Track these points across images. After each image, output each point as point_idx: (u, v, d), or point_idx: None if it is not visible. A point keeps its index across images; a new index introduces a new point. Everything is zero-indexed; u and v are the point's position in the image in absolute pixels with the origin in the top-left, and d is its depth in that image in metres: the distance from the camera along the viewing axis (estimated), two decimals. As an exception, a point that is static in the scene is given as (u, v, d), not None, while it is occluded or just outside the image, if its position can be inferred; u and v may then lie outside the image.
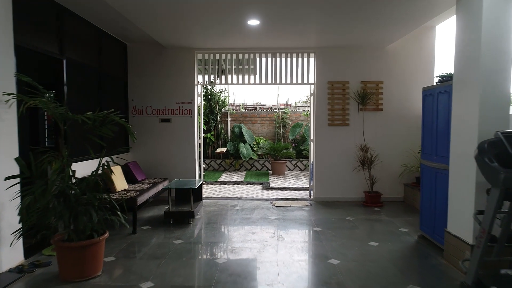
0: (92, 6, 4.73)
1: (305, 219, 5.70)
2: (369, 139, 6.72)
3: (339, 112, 6.79)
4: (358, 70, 6.75)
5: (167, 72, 6.83)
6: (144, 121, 6.88)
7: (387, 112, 6.76)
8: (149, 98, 6.87)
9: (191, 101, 6.87)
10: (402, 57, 6.72)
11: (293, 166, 11.01)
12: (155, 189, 5.80)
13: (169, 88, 6.85)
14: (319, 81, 6.80)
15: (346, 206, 6.45)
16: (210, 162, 11.04)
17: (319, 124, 6.83)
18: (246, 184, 8.81)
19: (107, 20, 5.44)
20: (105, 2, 4.37)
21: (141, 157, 6.88)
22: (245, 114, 11.90)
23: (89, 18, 5.30)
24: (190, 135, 6.90)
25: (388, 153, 6.76)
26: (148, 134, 6.88)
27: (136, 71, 6.85)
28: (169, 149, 6.89)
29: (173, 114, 6.88)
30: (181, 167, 6.90)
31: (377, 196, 6.51)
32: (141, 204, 5.11)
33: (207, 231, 5.08)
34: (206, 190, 8.10)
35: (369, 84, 6.74)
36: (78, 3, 4.65)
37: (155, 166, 6.89)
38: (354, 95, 6.72)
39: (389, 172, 6.78)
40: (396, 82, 6.74)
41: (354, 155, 6.77)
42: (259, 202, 6.82)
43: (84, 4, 4.67)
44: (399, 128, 6.78)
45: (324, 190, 6.87)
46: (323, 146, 6.84)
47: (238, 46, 6.70)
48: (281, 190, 8.09)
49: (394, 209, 6.29)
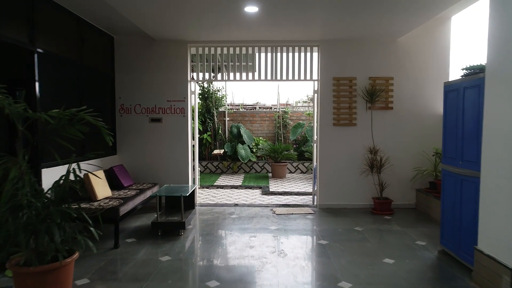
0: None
1: (309, 229, 5.13)
2: (378, 141, 6.15)
3: (346, 111, 6.22)
4: (366, 65, 6.18)
5: (158, 68, 6.26)
6: (132, 120, 6.31)
7: (397, 110, 6.19)
8: (138, 96, 6.30)
9: (184, 99, 6.29)
10: (414, 50, 6.15)
11: (294, 168, 10.44)
12: (143, 196, 5.23)
13: (160, 85, 6.28)
14: (324, 77, 6.23)
15: (354, 214, 5.88)
16: (206, 164, 10.47)
17: (323, 124, 6.26)
18: (244, 188, 8.24)
19: (89, 10, 4.87)
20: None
21: (129, 160, 6.31)
22: (244, 114, 11.32)
23: (67, 6, 4.72)
24: (183, 136, 6.33)
25: (399, 155, 6.19)
26: (136, 135, 6.31)
27: (124, 66, 6.27)
28: (160, 152, 6.32)
29: (164, 113, 6.30)
30: (173, 171, 6.33)
31: (387, 203, 5.94)
32: (125, 214, 4.54)
33: (199, 244, 4.51)
34: (201, 195, 7.53)
35: (378, 80, 6.17)
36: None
37: (144, 170, 6.32)
38: (362, 92, 6.15)
39: (400, 176, 6.21)
40: (407, 78, 6.17)
41: (361, 158, 6.20)
42: (258, 209, 6.25)
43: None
44: (410, 128, 6.21)
45: (329, 196, 6.30)
46: (328, 148, 6.27)
47: (235, 38, 6.12)
48: (281, 195, 7.52)
49: (407, 217, 5.72)
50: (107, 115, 6.11)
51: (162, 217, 5.07)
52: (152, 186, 5.78)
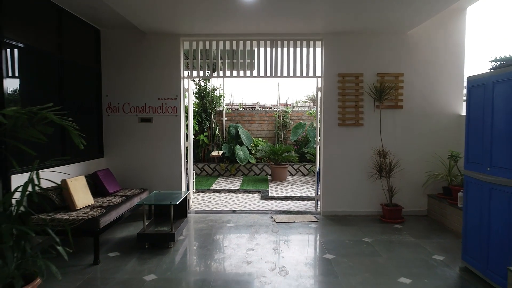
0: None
1: (313, 241, 4.64)
2: (388, 142, 5.67)
3: (352, 110, 5.73)
4: (374, 60, 5.70)
5: (148, 63, 5.77)
6: (120, 120, 5.82)
7: (408, 109, 5.71)
8: (126, 94, 5.81)
9: (176, 97, 5.80)
10: (426, 44, 5.67)
11: (295, 170, 9.95)
12: (129, 204, 4.74)
13: (151, 81, 5.79)
14: (328, 73, 5.74)
15: (361, 222, 5.39)
16: (203, 167, 9.98)
17: (327, 125, 5.78)
18: (242, 193, 7.75)
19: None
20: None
21: (117, 163, 5.82)
22: (242, 113, 10.83)
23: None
24: (176, 137, 5.84)
25: (409, 158, 5.71)
26: (125, 136, 5.82)
27: (111, 61, 5.78)
28: (150, 154, 5.83)
29: (155, 112, 5.81)
30: (164, 176, 5.84)
31: (398, 211, 5.45)
32: (108, 225, 4.05)
33: (190, 260, 4.02)
34: (196, 200, 7.04)
35: (387, 77, 5.68)
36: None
37: (133, 175, 5.83)
38: (370, 90, 5.66)
39: (410, 180, 5.73)
40: (419, 74, 5.69)
41: (369, 161, 5.71)
42: (257, 216, 5.76)
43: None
44: (422, 129, 5.72)
45: (333, 202, 5.81)
46: (332, 150, 5.78)
47: (232, 31, 5.64)
48: (282, 200, 7.03)
49: (419, 226, 5.23)
50: (93, 115, 5.62)
51: (150, 227, 4.59)
52: (141, 192, 5.29)
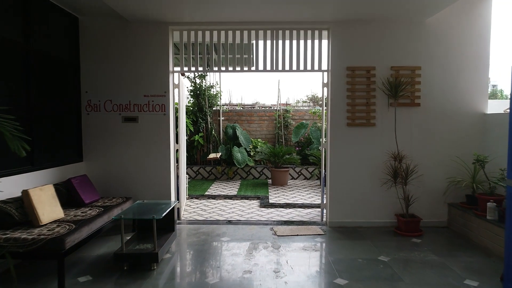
0: None
1: (321, 259, 3.99)
2: (403, 144, 5.02)
3: (362, 108, 5.08)
4: (388, 52, 5.05)
5: (133, 56, 5.12)
6: (102, 120, 5.17)
7: (426, 107, 5.06)
8: (108, 90, 5.15)
9: (164, 94, 5.15)
10: (447, 34, 5.02)
11: (297, 174, 9.29)
12: (107, 216, 4.09)
13: (136, 76, 5.14)
14: (336, 66, 5.09)
15: (373, 235, 4.75)
16: (198, 170, 9.32)
17: (334, 125, 5.13)
18: (239, 199, 7.10)
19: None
20: None
21: (97, 168, 5.17)
22: (240, 113, 10.17)
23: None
24: (164, 139, 5.19)
25: (427, 162, 5.06)
26: (107, 138, 5.17)
27: (91, 53, 5.13)
28: (135, 158, 5.18)
29: (141, 111, 5.16)
30: (151, 182, 5.19)
31: (415, 222, 4.80)
32: (77, 244, 3.40)
33: (174, 286, 3.36)
34: (189, 207, 6.39)
35: (403, 71, 5.04)
36: None
37: (116, 181, 5.18)
38: (383, 85, 5.02)
39: (428, 188, 5.08)
40: (438, 67, 5.04)
41: (382, 165, 5.06)
42: (256, 228, 5.11)
43: None
44: (442, 130, 5.08)
45: (341, 211, 5.17)
46: (340, 153, 5.13)
47: (227, 19, 4.99)
48: (283, 208, 6.38)
49: (440, 240, 4.59)
50: (70, 114, 4.97)
51: (131, 244, 3.93)
52: (123, 202, 4.64)
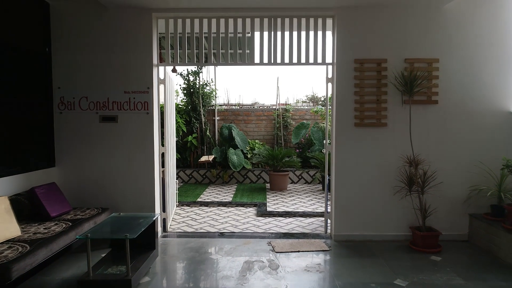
0: None
1: (326, 284, 3.38)
2: (419, 147, 4.42)
3: (372, 106, 4.48)
4: (401, 42, 4.45)
5: (112, 46, 4.51)
6: (76, 119, 4.55)
7: (445, 105, 4.46)
8: (84, 85, 4.54)
9: (147, 90, 4.54)
10: (469, 21, 4.42)
11: (297, 178, 8.68)
12: (74, 233, 3.47)
13: (115, 70, 4.53)
14: (342, 59, 4.49)
15: (385, 252, 4.14)
16: (191, 173, 8.70)
17: (340, 125, 4.52)
18: (235, 206, 6.48)
19: None
20: None
21: (71, 175, 4.55)
22: (237, 112, 9.56)
23: None
24: (147, 141, 4.57)
25: (446, 168, 4.46)
26: (82, 140, 4.56)
27: (64, 44, 4.52)
28: (115, 162, 4.57)
29: (121, 109, 4.55)
30: (133, 190, 4.58)
31: (433, 237, 4.19)
32: (32, 270, 2.79)
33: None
34: (178, 216, 5.77)
35: (418, 63, 4.43)
36: None
37: (93, 189, 4.56)
38: (395, 80, 4.41)
39: (447, 196, 4.48)
40: (459, 60, 4.44)
41: (395, 171, 4.46)
42: (251, 242, 4.50)
43: None
44: (463, 130, 4.47)
45: (348, 222, 4.56)
46: (347, 157, 4.53)
47: (219, 5, 4.38)
48: (282, 217, 5.77)
49: (463, 258, 3.98)
50: (41, 112, 4.36)
51: (102, 266, 3.32)
52: (98, 214, 4.03)
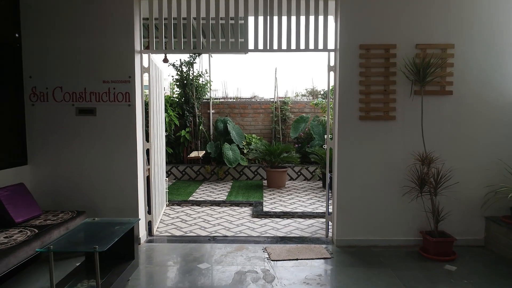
0: None
1: (328, 301, 2.96)
2: (431, 143, 3.97)
3: (379, 97, 4.02)
4: (412, 26, 3.98)
5: (89, 31, 4.03)
6: (50, 112, 4.09)
7: (460, 96, 4.01)
8: (58, 74, 4.07)
9: (129, 79, 4.08)
10: (488, 2, 3.95)
11: (296, 174, 8.24)
12: (40, 242, 3.04)
13: (93, 57, 4.06)
14: (345, 45, 4.02)
15: (393, 260, 3.72)
16: (184, 169, 8.26)
17: (344, 118, 4.07)
18: (229, 205, 6.05)
19: None
20: None
21: (45, 173, 4.11)
22: (233, 105, 9.09)
23: None
24: (130, 136, 4.12)
25: (461, 166, 4.02)
26: (56, 135, 4.10)
27: (35, 28, 4.04)
28: (93, 160, 4.12)
29: (99, 100, 4.09)
30: (113, 191, 4.13)
31: (447, 243, 3.76)
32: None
33: None
34: (167, 218, 5.34)
35: (431, 49, 3.97)
36: None
37: (69, 190, 4.12)
38: (405, 68, 3.95)
39: (461, 197, 4.04)
40: (476, 45, 3.97)
41: (404, 170, 4.02)
42: (245, 248, 4.07)
43: None
44: (480, 124, 4.02)
45: (351, 225, 4.13)
46: (350, 153, 4.08)
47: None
48: (279, 217, 5.34)
49: (480, 267, 3.56)
50: (10, 104, 3.90)
51: (71, 280, 2.89)
52: (72, 218, 3.59)
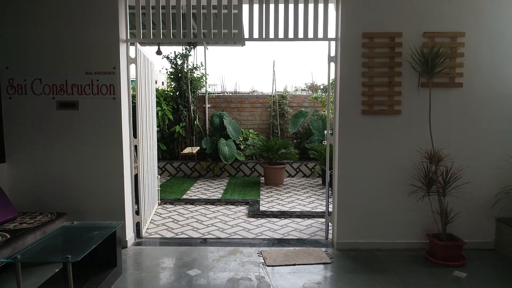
0: None
1: (328, 313, 2.70)
2: (439, 140, 3.69)
3: (383, 89, 3.73)
4: (419, 13, 3.68)
5: (70, 18, 3.72)
6: (29, 106, 3.80)
7: (471, 89, 3.72)
8: (37, 65, 3.77)
9: (114, 71, 3.78)
10: (502, -13, 3.66)
11: (295, 171, 7.97)
12: (11, 249, 2.76)
13: (74, 46, 3.75)
14: (347, 33, 3.72)
15: (398, 264, 3.45)
16: (179, 166, 7.98)
17: (345, 113, 3.78)
18: (224, 204, 5.78)
19: None
20: None
21: (22, 172, 3.82)
22: (229, 99, 8.78)
23: None
24: (115, 131, 3.83)
25: (471, 165, 3.74)
26: (36, 130, 3.81)
27: (11, 15, 3.73)
28: (76, 157, 3.83)
29: (82, 93, 3.79)
30: (97, 190, 3.85)
31: (457, 248, 3.49)
32: None
33: None
34: (158, 217, 5.07)
35: (439, 38, 3.67)
36: None
37: (50, 190, 3.83)
38: (412, 58, 3.66)
39: (471, 197, 3.77)
40: (489, 34, 3.67)
41: (410, 168, 3.74)
42: (239, 251, 3.81)
43: None
44: (492, 119, 3.74)
45: (353, 227, 3.86)
46: (353, 150, 3.80)
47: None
48: (277, 217, 5.07)
49: (492, 273, 3.30)
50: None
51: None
52: (51, 221, 3.32)
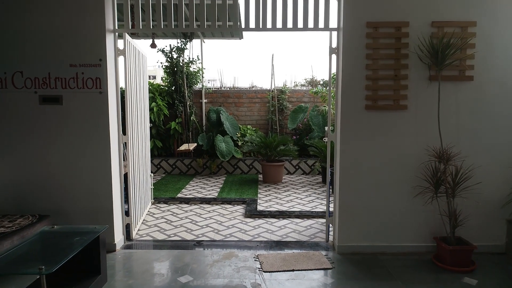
0: None
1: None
2: (448, 137, 3.45)
3: (389, 83, 3.49)
4: (427, 1, 3.43)
5: (53, 5, 3.47)
6: (10, 100, 3.55)
7: (482, 82, 3.47)
8: (18, 57, 3.52)
9: (100, 63, 3.53)
10: (517, -28, 3.40)
11: (294, 168, 7.74)
12: (-17, 257, 2.53)
13: (58, 36, 3.50)
14: (350, 22, 3.47)
15: (404, 270, 3.23)
16: (175, 163, 7.74)
17: (348, 108, 3.54)
18: (220, 203, 5.55)
19: None
20: None
21: (3, 172, 3.58)
22: (226, 94, 8.53)
23: None
24: (101, 128, 3.59)
25: (482, 163, 3.51)
26: (17, 127, 3.57)
27: (-10, 2, 3.48)
28: (60, 155, 3.59)
29: (66, 87, 3.55)
30: (83, 190, 3.62)
31: (466, 252, 3.27)
32: None
33: None
34: (151, 218, 4.84)
35: (449, 28, 3.42)
36: None
37: (32, 190, 3.60)
38: (420, 50, 3.41)
39: (482, 199, 3.53)
40: (502, 24, 3.43)
41: (418, 167, 3.51)
42: (234, 254, 3.58)
43: None
44: (506, 114, 3.50)
45: (355, 229, 3.63)
46: (355, 148, 3.57)
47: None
48: (275, 217, 4.85)
49: (504, 279, 3.08)
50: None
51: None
52: (31, 225, 3.09)
